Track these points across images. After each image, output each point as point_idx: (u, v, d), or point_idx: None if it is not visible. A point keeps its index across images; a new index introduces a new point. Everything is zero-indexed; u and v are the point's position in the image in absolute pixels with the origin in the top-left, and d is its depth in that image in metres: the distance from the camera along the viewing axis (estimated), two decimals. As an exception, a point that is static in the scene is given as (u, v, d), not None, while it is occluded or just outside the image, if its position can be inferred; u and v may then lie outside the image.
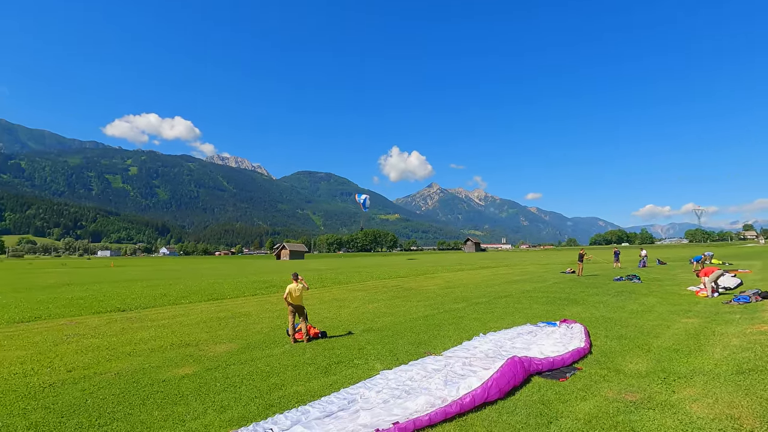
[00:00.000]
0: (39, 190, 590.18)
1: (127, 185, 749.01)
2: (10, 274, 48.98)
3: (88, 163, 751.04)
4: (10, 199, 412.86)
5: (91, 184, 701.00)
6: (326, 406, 5.98)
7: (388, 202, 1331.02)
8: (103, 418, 6.00)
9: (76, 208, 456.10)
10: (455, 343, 10.10)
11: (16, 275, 45.33)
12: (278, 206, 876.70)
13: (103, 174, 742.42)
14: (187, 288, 25.84)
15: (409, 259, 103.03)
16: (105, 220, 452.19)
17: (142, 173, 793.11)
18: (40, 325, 13.76)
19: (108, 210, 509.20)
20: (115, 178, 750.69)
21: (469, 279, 29.71)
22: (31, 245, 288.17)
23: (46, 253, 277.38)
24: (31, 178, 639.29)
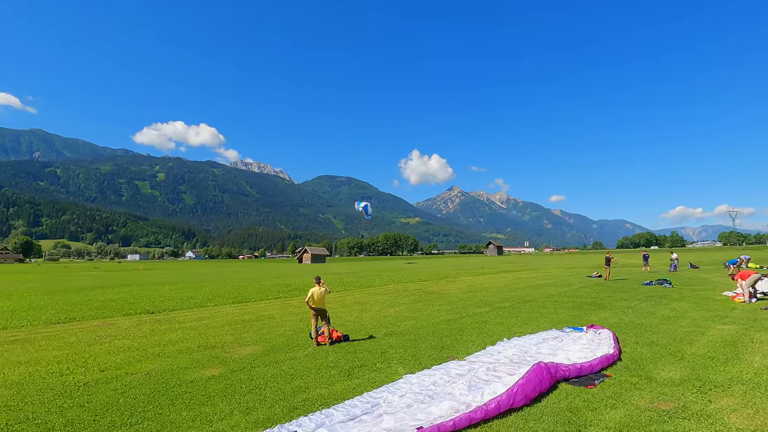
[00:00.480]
0: (73, 196, 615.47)
1: (155, 191, 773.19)
2: (47, 277, 51.16)
3: (118, 170, 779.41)
4: (46, 206, 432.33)
5: (121, 190, 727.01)
6: (350, 409, 5.99)
7: (409, 205, 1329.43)
8: (135, 417, 6.18)
9: (108, 214, 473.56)
10: (479, 347, 9.98)
11: (52, 278, 47.32)
12: (300, 210, 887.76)
13: (133, 180, 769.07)
14: (213, 291, 26.40)
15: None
16: (134, 224, 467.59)
17: (169, 179, 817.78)
18: (75, 326, 14.31)
19: (137, 215, 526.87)
20: (143, 184, 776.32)
21: (492, 283, 29.32)
22: (66, 249, 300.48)
23: (80, 257, 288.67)
24: (66, 185, 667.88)
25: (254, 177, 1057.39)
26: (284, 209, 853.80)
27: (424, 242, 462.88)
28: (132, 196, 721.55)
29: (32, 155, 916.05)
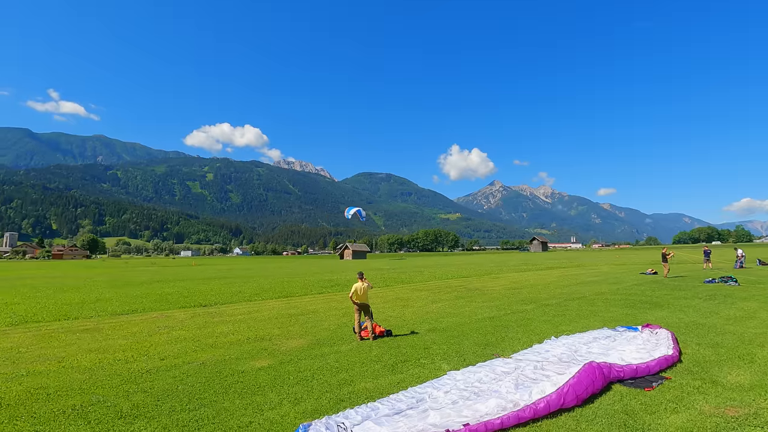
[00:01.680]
0: (132, 196, 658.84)
1: (205, 190, 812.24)
2: (111, 271, 55.19)
3: (171, 171, 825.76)
4: (109, 206, 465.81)
5: (174, 190, 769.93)
6: (395, 403, 6.02)
7: (449, 201, 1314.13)
8: (192, 403, 6.55)
9: (163, 213, 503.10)
10: (524, 345, 9.72)
11: (115, 273, 50.99)
12: (340, 207, 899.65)
13: (185, 181, 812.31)
14: (259, 286, 27.41)
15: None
16: (186, 222, 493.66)
17: (217, 179, 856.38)
18: (137, 317, 15.36)
19: (189, 214, 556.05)
20: (194, 184, 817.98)
21: (537, 280, 28.43)
22: (126, 246, 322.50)
23: (139, 253, 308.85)
24: (125, 186, 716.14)
25: (296, 175, 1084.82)
26: (325, 206, 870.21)
27: (464, 238, 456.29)
28: (184, 196, 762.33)
29: (96, 159, 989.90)
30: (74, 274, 47.38)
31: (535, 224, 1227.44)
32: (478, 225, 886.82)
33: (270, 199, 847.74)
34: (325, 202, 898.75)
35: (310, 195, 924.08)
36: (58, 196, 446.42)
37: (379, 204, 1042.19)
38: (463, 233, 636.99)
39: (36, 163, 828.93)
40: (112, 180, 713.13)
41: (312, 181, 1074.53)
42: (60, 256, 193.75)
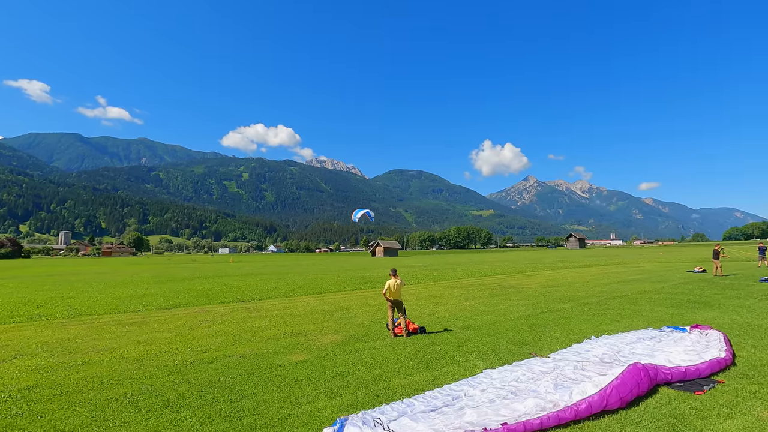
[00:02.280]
0: (173, 196, 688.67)
1: (241, 190, 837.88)
2: (155, 268, 57.93)
3: (209, 172, 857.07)
4: (152, 205, 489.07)
5: (212, 190, 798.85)
6: (430, 400, 6.01)
7: (481, 197, 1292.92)
8: (234, 394, 6.79)
9: (202, 211, 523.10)
10: (563, 345, 9.45)
11: (159, 269, 53.49)
12: (371, 205, 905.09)
13: (222, 180, 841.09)
14: (294, 282, 28.01)
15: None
16: (224, 221, 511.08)
17: (252, 178, 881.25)
18: (180, 311, 16.06)
19: (226, 212, 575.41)
20: (230, 184, 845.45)
21: (575, 277, 27.54)
22: (169, 244, 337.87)
23: (180, 250, 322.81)
24: (167, 186, 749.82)
25: (328, 174, 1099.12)
26: (357, 204, 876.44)
27: (497, 235, 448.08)
28: (221, 195, 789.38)
29: (140, 161, 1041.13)
30: (122, 271, 50.09)
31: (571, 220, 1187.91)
32: (511, 221, 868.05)
33: (303, 197, 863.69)
34: (357, 200, 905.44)
35: (342, 193, 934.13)
36: (107, 197, 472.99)
37: (410, 201, 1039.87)
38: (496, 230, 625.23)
39: (86, 165, 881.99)
40: (154, 181, 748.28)
41: (343, 179, 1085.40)
42: (109, 253, 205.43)
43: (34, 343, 10.75)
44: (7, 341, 11.08)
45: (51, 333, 12.13)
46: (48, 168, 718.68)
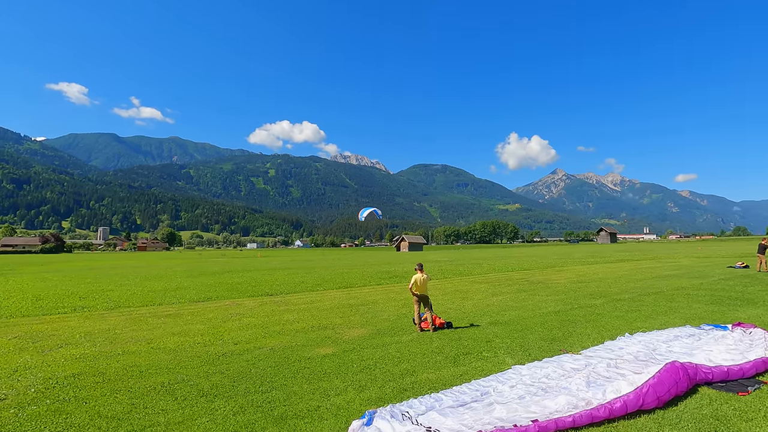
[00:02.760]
0: (203, 193, 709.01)
1: (267, 186, 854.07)
2: (187, 262, 59.92)
3: (237, 169, 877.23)
4: (184, 202, 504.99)
5: (240, 186, 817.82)
6: (459, 395, 5.98)
7: (507, 191, 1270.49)
8: (265, 385, 6.96)
9: (230, 207, 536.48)
10: (595, 342, 9.20)
11: (191, 264, 55.29)
12: (396, 200, 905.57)
13: (249, 177, 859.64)
14: (321, 277, 28.38)
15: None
16: (251, 216, 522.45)
17: (279, 174, 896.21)
18: (211, 304, 16.56)
19: (253, 208, 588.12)
20: (257, 180, 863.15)
21: (606, 273, 26.74)
22: (199, 239, 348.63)
23: (210, 245, 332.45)
24: (197, 183, 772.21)
25: (352, 169, 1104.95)
26: (381, 199, 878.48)
27: (524, 229, 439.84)
28: (249, 191, 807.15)
29: (171, 159, 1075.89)
30: (156, 265, 52.05)
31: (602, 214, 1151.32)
32: (539, 216, 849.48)
33: (328, 192, 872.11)
34: (381, 195, 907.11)
35: (366, 188, 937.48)
36: (141, 194, 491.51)
37: (434, 195, 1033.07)
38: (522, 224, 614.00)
39: (122, 164, 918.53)
40: (185, 178, 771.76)
41: (368, 174, 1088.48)
42: (144, 248, 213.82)
43: (77, 333, 11.33)
44: (54, 331, 11.72)
45: (93, 324, 12.74)
46: (87, 167, 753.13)
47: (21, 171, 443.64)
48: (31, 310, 15.58)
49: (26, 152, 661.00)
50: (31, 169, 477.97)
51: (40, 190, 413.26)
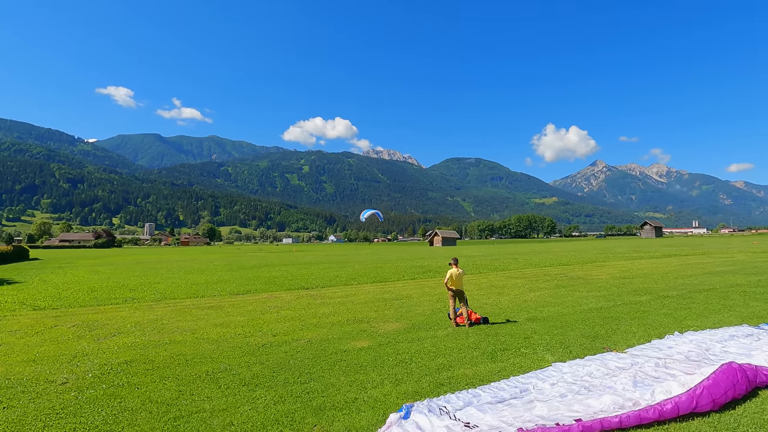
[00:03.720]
0: (241, 189, 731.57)
1: (302, 182, 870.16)
2: (227, 257, 62.10)
3: (272, 166, 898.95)
4: (223, 198, 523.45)
5: (275, 183, 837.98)
6: (497, 392, 5.88)
7: (544, 184, 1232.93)
8: (303, 377, 7.12)
9: (266, 203, 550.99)
10: (641, 340, 8.80)
11: (230, 258, 57.27)
12: (428, 194, 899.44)
13: (284, 173, 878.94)
14: (355, 271, 28.67)
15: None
16: (287, 212, 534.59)
17: (313, 171, 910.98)
18: (250, 297, 17.10)
19: (288, 204, 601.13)
20: (292, 177, 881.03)
21: (651, 268, 25.47)
22: (238, 234, 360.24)
23: (248, 240, 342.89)
24: (235, 180, 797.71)
25: (385, 164, 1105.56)
26: (413, 194, 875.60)
27: (562, 224, 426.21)
28: (284, 188, 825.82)
29: (211, 157, 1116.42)
30: (198, 259, 54.28)
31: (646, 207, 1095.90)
32: (577, 209, 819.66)
33: (360, 188, 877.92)
34: (414, 190, 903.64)
35: (399, 183, 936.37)
36: (183, 191, 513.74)
37: (468, 189, 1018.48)
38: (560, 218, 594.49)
39: (165, 163, 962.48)
40: (224, 175, 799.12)
41: (400, 169, 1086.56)
42: (186, 243, 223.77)
43: (128, 323, 12.00)
44: (107, 321, 12.47)
45: (142, 314, 13.46)
46: (134, 166, 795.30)
47: (75, 171, 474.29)
48: (87, 300, 16.66)
49: (80, 153, 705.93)
50: (85, 169, 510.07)
51: (92, 188, 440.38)
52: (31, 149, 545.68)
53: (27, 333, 10.88)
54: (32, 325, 11.82)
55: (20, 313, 14.10)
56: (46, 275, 29.01)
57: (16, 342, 9.96)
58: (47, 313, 13.89)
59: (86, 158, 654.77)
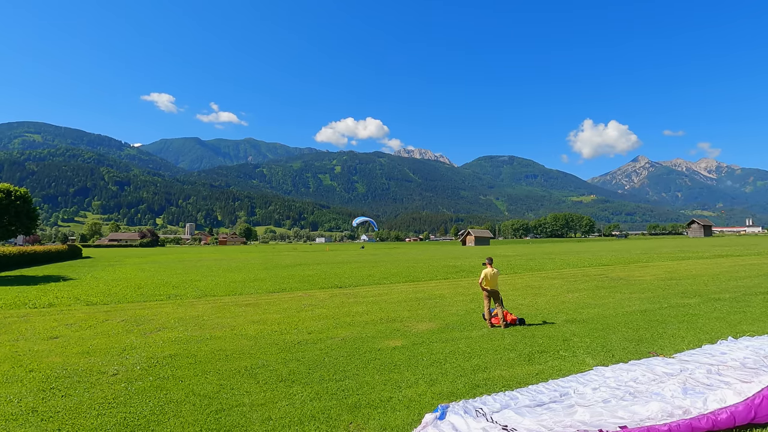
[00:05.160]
0: (275, 190, 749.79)
1: (334, 182, 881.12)
2: (262, 256, 63.80)
3: (305, 166, 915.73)
4: (258, 199, 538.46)
5: (308, 183, 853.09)
6: (535, 395, 5.72)
7: (581, 181, 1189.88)
8: (338, 374, 7.20)
9: (300, 204, 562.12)
10: (691, 345, 8.33)
11: (266, 257, 58.79)
12: (461, 193, 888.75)
13: (317, 174, 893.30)
14: (387, 270, 28.73)
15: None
16: (319, 212, 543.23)
17: (344, 171, 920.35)
18: (286, 295, 17.48)
19: (321, 204, 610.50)
20: (325, 177, 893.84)
21: (700, 269, 24.07)
22: (273, 234, 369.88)
23: (282, 240, 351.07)
24: (270, 181, 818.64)
25: (416, 163, 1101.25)
26: (445, 193, 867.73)
27: (601, 222, 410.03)
28: (316, 188, 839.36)
29: (247, 159, 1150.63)
30: (235, 258, 56.06)
31: (693, 205, 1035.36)
32: (617, 207, 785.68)
33: (392, 187, 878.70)
34: (445, 189, 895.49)
35: (430, 182, 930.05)
36: (221, 193, 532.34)
37: (501, 188, 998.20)
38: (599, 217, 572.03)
39: (204, 165, 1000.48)
40: (259, 176, 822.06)
41: (432, 168, 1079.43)
42: (224, 242, 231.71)
43: (172, 319, 12.55)
44: (153, 316, 13.10)
45: (184, 310, 14.05)
46: (175, 169, 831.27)
47: (123, 174, 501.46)
48: (135, 296, 17.57)
49: (126, 157, 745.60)
50: (131, 172, 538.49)
51: (138, 190, 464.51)
52: (83, 154, 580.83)
53: (81, 326, 11.59)
54: (85, 319, 12.59)
55: (75, 307, 15.05)
56: (98, 272, 30.83)
57: (72, 335, 10.64)
58: (99, 308, 14.75)
59: (132, 162, 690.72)
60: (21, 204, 36.51)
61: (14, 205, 35.69)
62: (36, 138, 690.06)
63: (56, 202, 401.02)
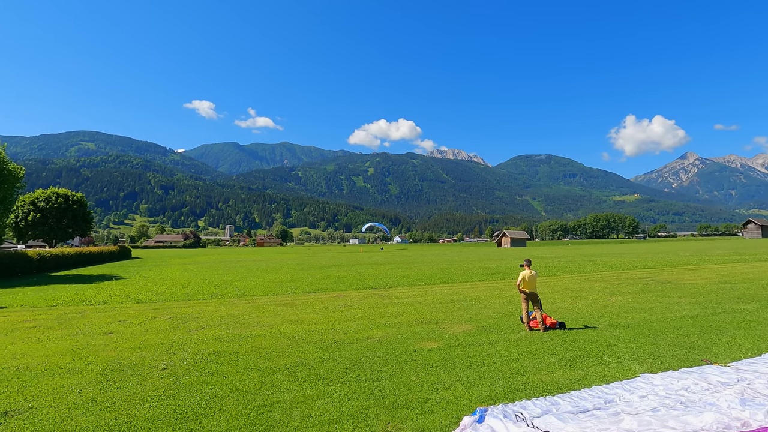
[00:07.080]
0: (310, 192, 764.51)
1: (367, 184, 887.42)
2: (298, 257, 65.19)
3: (339, 169, 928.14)
4: (294, 201, 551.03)
5: (342, 185, 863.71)
6: (578, 401, 5.55)
7: (624, 180, 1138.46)
8: (375, 375, 7.26)
9: (334, 205, 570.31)
10: (748, 353, 7.81)
11: (301, 258, 60.04)
12: (495, 194, 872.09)
13: (350, 176, 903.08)
14: (421, 272, 28.63)
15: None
16: (353, 213, 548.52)
17: (377, 173, 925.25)
18: (321, 295, 17.79)
19: (355, 205, 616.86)
20: (358, 179, 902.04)
21: (758, 272, 22.46)
22: (308, 235, 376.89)
23: (317, 241, 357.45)
24: (305, 184, 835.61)
25: (449, 164, 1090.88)
26: (480, 193, 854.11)
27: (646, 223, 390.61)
28: (350, 190, 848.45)
29: (282, 162, 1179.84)
30: (273, 259, 57.59)
31: (749, 203, 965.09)
32: (664, 207, 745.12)
33: (425, 188, 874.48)
34: (480, 189, 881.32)
35: (464, 183, 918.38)
36: (258, 195, 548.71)
37: (538, 188, 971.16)
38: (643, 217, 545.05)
39: (242, 169, 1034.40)
40: (294, 179, 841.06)
41: (465, 169, 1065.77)
42: (262, 243, 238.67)
43: (215, 317, 13.08)
44: (197, 314, 13.69)
45: (226, 309, 14.60)
46: (216, 173, 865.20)
47: (167, 179, 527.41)
48: (180, 295, 18.42)
49: (170, 162, 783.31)
50: (175, 176, 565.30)
51: (181, 194, 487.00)
52: (132, 160, 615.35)
53: (132, 323, 12.29)
54: (136, 316, 13.34)
55: (126, 305, 15.98)
56: (146, 272, 32.56)
57: (124, 330, 11.30)
58: (148, 306, 15.58)
59: (176, 167, 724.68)
60: (78, 208, 39.20)
61: (72, 209, 38.36)
62: (90, 146, 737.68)
63: (108, 205, 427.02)
